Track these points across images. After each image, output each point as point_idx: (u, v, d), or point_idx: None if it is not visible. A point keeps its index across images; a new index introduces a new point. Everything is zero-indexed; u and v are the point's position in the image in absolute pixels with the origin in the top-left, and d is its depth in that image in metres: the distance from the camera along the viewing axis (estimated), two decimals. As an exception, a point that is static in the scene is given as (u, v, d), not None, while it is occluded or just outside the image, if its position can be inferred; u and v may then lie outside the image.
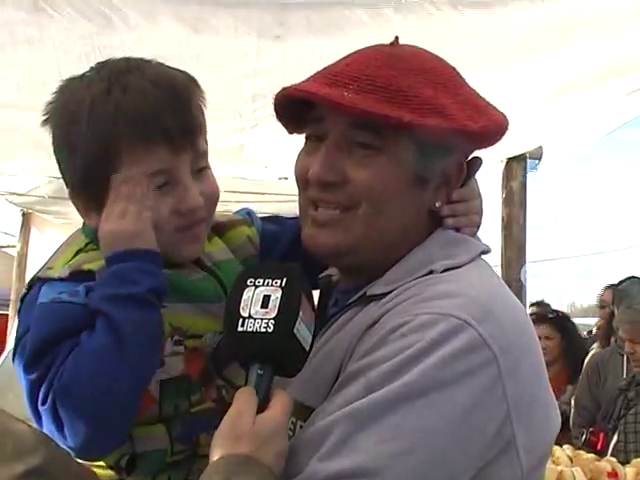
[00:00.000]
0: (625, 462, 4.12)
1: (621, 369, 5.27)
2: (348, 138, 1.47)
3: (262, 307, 1.32)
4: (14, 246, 9.51)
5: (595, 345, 6.45)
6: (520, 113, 4.32)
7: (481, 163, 1.58)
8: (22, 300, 1.50)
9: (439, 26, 2.87)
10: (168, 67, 1.56)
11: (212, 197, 1.56)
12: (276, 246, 1.71)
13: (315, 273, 1.66)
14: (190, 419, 1.52)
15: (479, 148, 1.57)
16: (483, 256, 1.57)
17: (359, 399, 1.32)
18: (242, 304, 1.33)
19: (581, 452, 4.14)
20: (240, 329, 1.32)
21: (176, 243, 1.52)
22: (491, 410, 1.34)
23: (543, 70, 3.64)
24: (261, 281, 1.34)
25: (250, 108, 3.86)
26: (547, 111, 4.42)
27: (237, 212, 1.76)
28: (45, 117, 1.53)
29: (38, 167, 5.27)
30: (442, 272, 1.46)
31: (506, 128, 1.56)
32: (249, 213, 1.76)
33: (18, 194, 8.13)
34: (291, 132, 1.60)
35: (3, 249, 11.03)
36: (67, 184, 1.54)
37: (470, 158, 1.58)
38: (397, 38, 1.56)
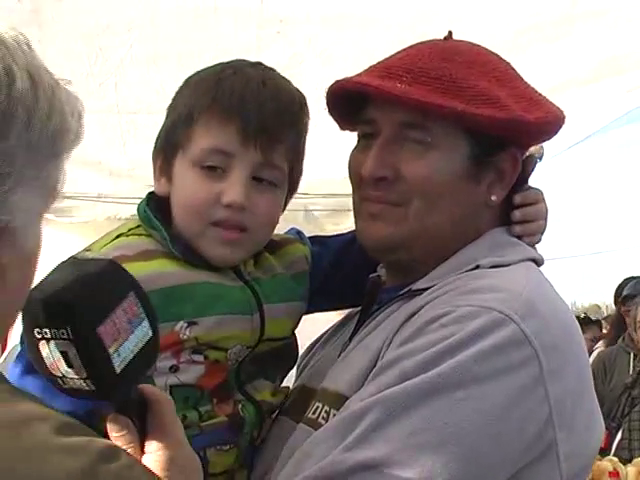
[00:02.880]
0: (629, 460, 4.12)
1: (627, 367, 5.28)
2: (400, 135, 1.46)
3: (68, 366, 1.11)
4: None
5: (600, 344, 6.45)
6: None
7: (537, 161, 1.55)
8: None
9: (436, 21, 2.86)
10: (293, 87, 1.55)
11: (264, 215, 1.49)
12: (319, 266, 1.68)
13: (363, 285, 1.64)
14: (198, 432, 1.47)
15: (535, 142, 1.55)
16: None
17: (393, 387, 1.28)
18: (47, 364, 1.12)
19: (583, 451, 4.12)
20: (65, 387, 1.13)
21: (208, 239, 1.48)
22: (531, 410, 1.29)
23: (541, 65, 3.63)
24: (47, 332, 1.10)
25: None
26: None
27: (287, 232, 1.72)
28: None
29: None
30: (489, 268, 1.43)
31: (563, 121, 1.53)
32: (299, 233, 1.73)
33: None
34: (343, 128, 1.59)
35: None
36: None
37: (525, 156, 1.53)
38: (450, 33, 1.55)
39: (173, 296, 1.43)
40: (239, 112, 1.44)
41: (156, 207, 1.52)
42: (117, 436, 1.11)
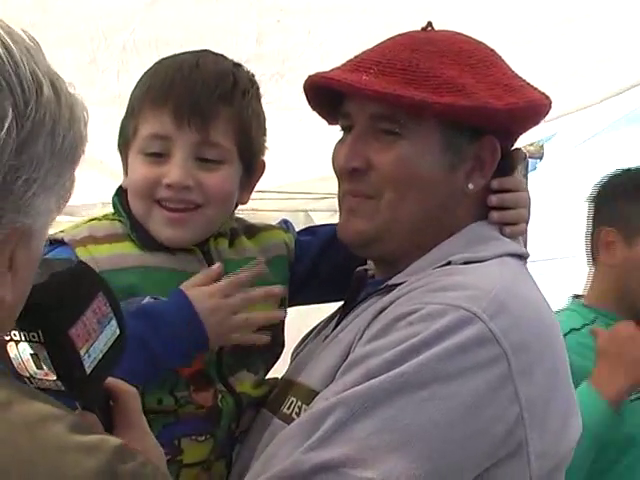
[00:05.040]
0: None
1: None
2: (372, 127, 1.47)
3: (38, 368, 1.09)
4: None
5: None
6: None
7: (525, 154, 1.57)
8: None
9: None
10: (229, 64, 1.58)
11: (213, 190, 1.53)
12: (308, 253, 1.71)
13: (351, 275, 1.66)
14: (174, 420, 1.50)
15: (515, 128, 1.53)
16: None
17: (357, 386, 1.29)
18: (15, 364, 1.10)
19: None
20: (32, 385, 1.10)
21: (155, 219, 1.53)
22: (499, 409, 1.30)
23: (539, 64, 3.64)
24: (16, 334, 1.08)
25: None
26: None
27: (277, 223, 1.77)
28: None
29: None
30: (461, 264, 1.42)
31: (544, 107, 1.51)
32: (286, 222, 1.77)
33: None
34: (331, 123, 1.60)
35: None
36: None
37: (513, 149, 1.54)
38: (430, 23, 1.55)
39: (132, 278, 1.48)
40: (170, 96, 1.49)
41: (125, 198, 1.58)
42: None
